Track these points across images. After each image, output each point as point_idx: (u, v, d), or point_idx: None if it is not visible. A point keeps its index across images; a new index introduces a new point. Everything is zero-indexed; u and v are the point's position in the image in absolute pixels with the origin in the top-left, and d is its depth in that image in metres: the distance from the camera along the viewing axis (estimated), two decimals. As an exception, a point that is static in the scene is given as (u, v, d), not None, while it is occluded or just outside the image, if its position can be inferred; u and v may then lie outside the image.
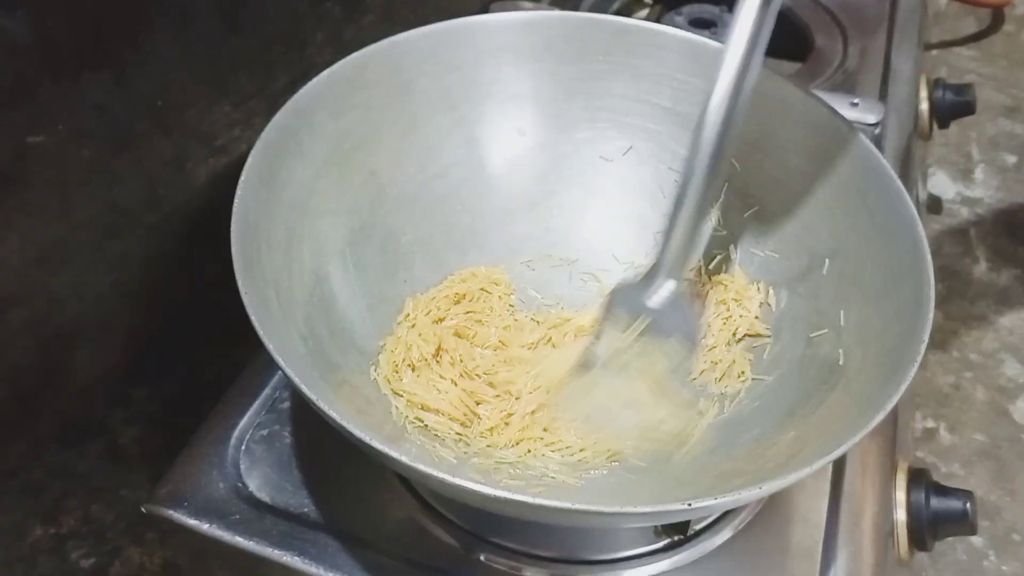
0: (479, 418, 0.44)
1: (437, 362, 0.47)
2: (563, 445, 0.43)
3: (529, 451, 0.43)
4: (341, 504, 0.45)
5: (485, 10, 0.68)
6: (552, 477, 0.41)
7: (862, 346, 0.41)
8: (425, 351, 0.46)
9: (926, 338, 0.36)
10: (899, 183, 0.43)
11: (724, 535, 0.43)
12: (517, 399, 0.45)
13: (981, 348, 0.86)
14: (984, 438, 0.80)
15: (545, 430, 0.44)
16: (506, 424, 0.44)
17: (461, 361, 0.47)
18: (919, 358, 0.35)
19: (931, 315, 0.37)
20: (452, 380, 0.46)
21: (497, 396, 0.45)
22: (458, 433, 0.44)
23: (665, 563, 0.43)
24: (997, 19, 0.87)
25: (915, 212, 0.42)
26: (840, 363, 0.41)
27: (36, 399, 0.40)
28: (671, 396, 0.43)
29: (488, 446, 0.43)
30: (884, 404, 0.34)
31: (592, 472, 0.42)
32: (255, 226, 0.41)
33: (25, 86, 0.35)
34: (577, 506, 0.30)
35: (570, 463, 0.42)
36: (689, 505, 0.31)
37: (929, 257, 0.39)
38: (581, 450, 0.43)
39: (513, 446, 0.43)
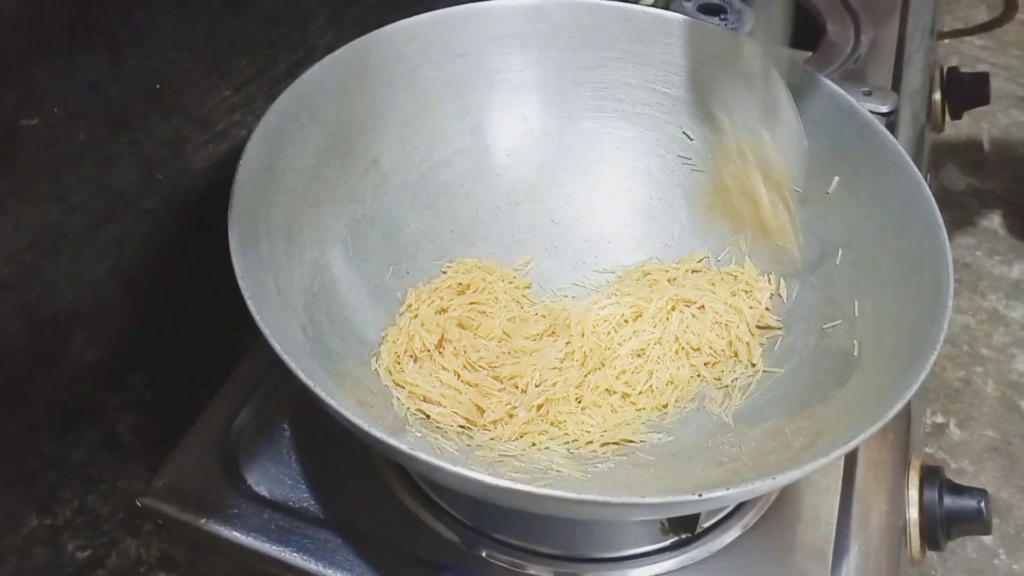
0: (483, 412, 0.43)
1: (440, 353, 0.46)
2: (569, 438, 0.42)
3: (534, 444, 0.42)
4: (341, 498, 0.44)
5: (491, -4, 0.67)
6: (557, 471, 0.40)
7: (877, 337, 0.40)
8: (428, 341, 0.45)
9: (945, 327, 0.35)
10: (916, 170, 0.42)
11: (732, 533, 0.42)
12: (523, 392, 0.44)
13: (992, 343, 0.85)
14: (995, 434, 0.79)
15: (552, 424, 0.43)
16: (510, 417, 0.43)
17: (464, 352, 0.46)
18: (938, 347, 0.34)
19: (950, 304, 0.36)
20: (455, 372, 0.45)
21: (502, 389, 0.45)
22: (461, 426, 0.43)
23: (672, 562, 0.42)
24: (1010, 7, 0.86)
25: (932, 199, 0.41)
26: (855, 354, 0.40)
27: (28, 385, 0.39)
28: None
29: (492, 439, 0.42)
30: (902, 394, 0.33)
31: (599, 466, 0.41)
32: (254, 212, 0.40)
33: (17, 65, 0.34)
34: (583, 496, 0.30)
35: (576, 456, 0.41)
36: (700, 496, 0.30)
37: (948, 244, 0.38)
38: (588, 443, 0.42)
39: (517, 439, 0.42)
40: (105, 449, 0.45)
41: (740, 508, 0.43)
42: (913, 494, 0.46)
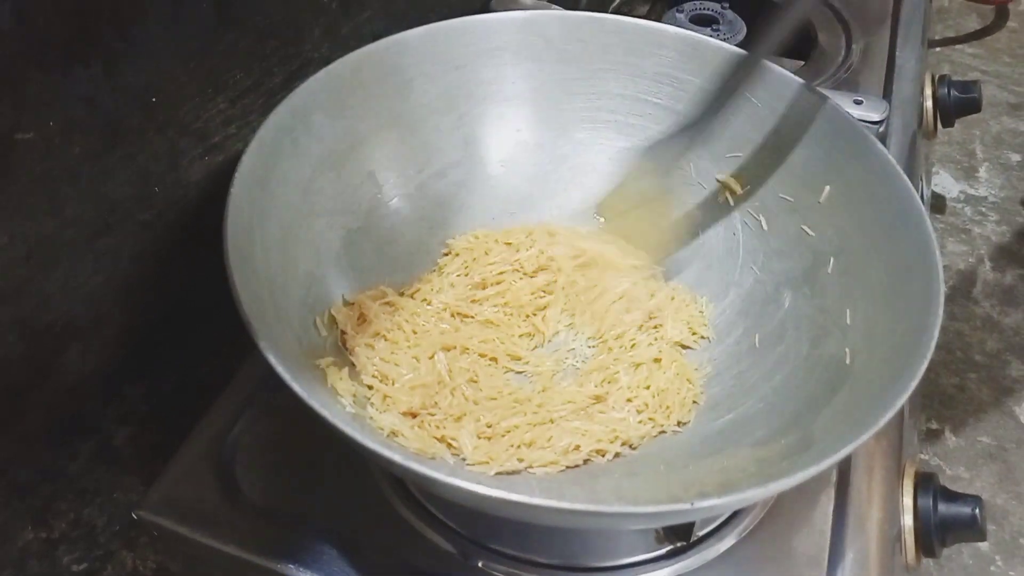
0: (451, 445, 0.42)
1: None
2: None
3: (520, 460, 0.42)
4: (337, 510, 0.44)
5: (485, 8, 0.67)
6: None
7: (869, 345, 0.40)
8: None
9: (936, 335, 0.35)
10: (906, 179, 0.43)
11: (728, 541, 0.43)
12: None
13: (985, 349, 0.86)
14: (990, 440, 0.79)
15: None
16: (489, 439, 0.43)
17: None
18: (929, 355, 0.35)
19: (940, 311, 0.36)
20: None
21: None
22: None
23: (667, 570, 0.42)
24: (1001, 16, 0.87)
25: (922, 207, 0.41)
26: (847, 362, 0.40)
27: (24, 396, 0.39)
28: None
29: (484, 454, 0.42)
30: (893, 402, 0.33)
31: (600, 478, 0.41)
32: (249, 225, 0.40)
33: (12, 79, 0.34)
34: (576, 506, 0.30)
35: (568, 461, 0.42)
36: (692, 505, 0.30)
37: (938, 252, 0.39)
38: (576, 448, 0.42)
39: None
40: (101, 461, 0.45)
41: (735, 516, 0.43)
42: (908, 501, 0.46)
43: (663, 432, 0.43)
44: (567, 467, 0.41)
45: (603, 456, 0.42)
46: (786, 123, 0.49)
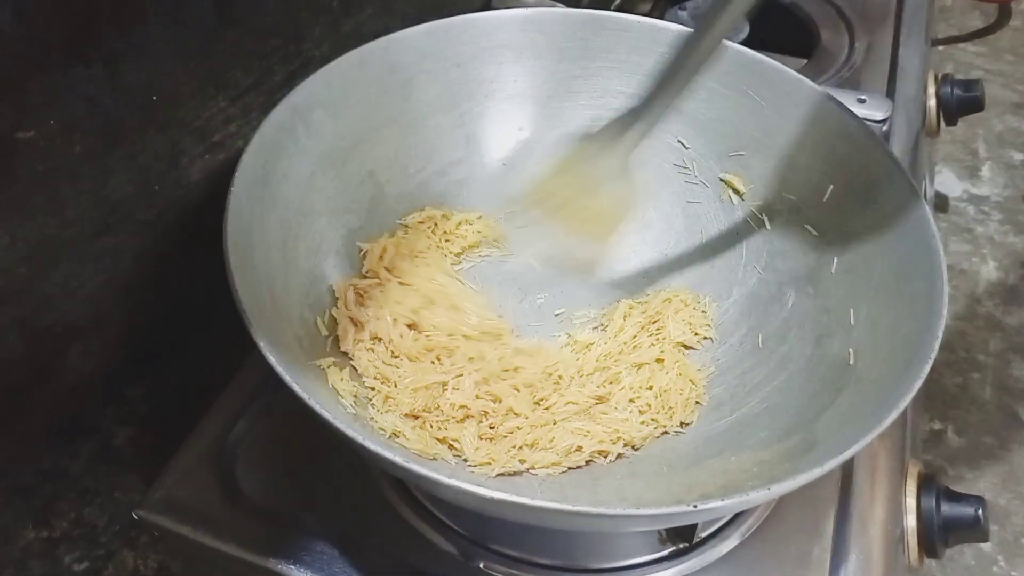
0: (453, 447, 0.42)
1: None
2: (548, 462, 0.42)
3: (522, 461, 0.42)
4: (338, 510, 0.44)
5: (486, 6, 0.67)
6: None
7: (873, 345, 0.40)
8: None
9: (940, 335, 0.35)
10: (909, 178, 0.42)
11: (731, 542, 0.42)
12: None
13: (989, 349, 0.86)
14: (993, 440, 0.79)
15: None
16: (491, 440, 0.43)
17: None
18: (933, 356, 0.34)
19: (945, 311, 0.36)
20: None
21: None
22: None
23: (670, 571, 0.42)
24: (1004, 15, 0.87)
25: (926, 206, 0.41)
26: (850, 363, 0.40)
27: (26, 397, 0.39)
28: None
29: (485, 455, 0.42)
30: (897, 403, 0.33)
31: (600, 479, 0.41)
32: (250, 224, 0.40)
33: (14, 79, 0.34)
34: (578, 508, 0.30)
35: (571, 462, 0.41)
36: (695, 507, 0.30)
37: (941, 251, 0.39)
38: (578, 449, 0.42)
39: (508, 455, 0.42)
40: (102, 461, 0.44)
41: (738, 517, 0.43)
42: (911, 502, 0.46)
43: (666, 433, 0.43)
44: (569, 468, 0.41)
45: (605, 457, 0.42)
46: (789, 121, 0.49)
